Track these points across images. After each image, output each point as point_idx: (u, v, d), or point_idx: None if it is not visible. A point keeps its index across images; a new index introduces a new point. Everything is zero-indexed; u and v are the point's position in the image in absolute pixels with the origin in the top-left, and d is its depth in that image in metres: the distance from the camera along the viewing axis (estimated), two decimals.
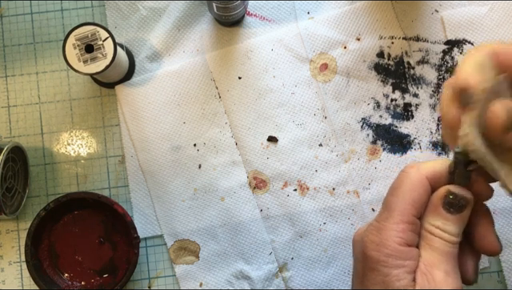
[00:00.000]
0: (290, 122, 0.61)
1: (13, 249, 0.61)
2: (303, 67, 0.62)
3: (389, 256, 0.40)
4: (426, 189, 0.42)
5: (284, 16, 0.63)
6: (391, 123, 0.62)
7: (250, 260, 0.60)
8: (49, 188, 0.62)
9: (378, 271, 0.40)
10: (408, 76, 0.62)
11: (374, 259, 0.41)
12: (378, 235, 0.41)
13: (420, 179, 0.42)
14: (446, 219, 0.41)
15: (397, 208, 0.41)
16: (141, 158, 0.61)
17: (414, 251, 0.41)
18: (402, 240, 0.41)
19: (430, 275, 0.40)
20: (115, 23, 0.63)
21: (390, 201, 0.42)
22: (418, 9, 0.62)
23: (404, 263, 0.40)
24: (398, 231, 0.41)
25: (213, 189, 0.61)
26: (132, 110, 0.62)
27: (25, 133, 0.62)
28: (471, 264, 0.43)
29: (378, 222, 0.42)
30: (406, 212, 0.41)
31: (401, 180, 0.42)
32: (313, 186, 0.61)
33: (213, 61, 0.62)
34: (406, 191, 0.41)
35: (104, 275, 0.60)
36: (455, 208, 0.41)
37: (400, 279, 0.40)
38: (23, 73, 0.63)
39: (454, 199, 0.41)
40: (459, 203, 0.41)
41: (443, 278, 0.40)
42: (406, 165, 0.44)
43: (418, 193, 0.41)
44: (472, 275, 0.43)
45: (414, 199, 0.41)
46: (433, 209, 0.42)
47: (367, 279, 0.41)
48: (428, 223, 0.42)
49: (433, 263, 0.40)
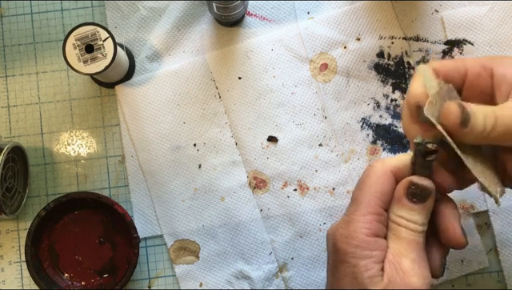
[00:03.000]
0: (289, 122, 0.61)
1: (13, 249, 0.61)
2: (303, 67, 0.62)
3: (357, 247, 0.41)
4: (391, 181, 0.43)
5: (284, 16, 0.63)
6: (391, 123, 0.62)
7: (250, 260, 0.60)
8: (49, 188, 0.62)
9: (347, 262, 0.42)
10: (408, 76, 0.62)
11: (342, 251, 0.42)
12: (346, 227, 0.43)
13: (384, 172, 0.43)
14: (411, 209, 0.42)
15: (363, 201, 0.43)
16: (141, 158, 0.61)
17: (381, 242, 0.42)
18: (369, 231, 0.42)
19: (398, 264, 0.41)
20: (115, 23, 0.63)
21: (357, 194, 0.44)
22: (417, 9, 0.62)
23: (371, 253, 0.41)
24: (365, 223, 0.42)
25: (213, 189, 0.61)
26: (132, 110, 0.62)
27: (25, 133, 0.62)
28: (438, 258, 0.45)
29: (346, 215, 0.44)
30: (372, 204, 0.43)
31: (367, 174, 0.44)
32: (313, 186, 0.61)
33: (213, 61, 0.62)
34: (372, 184, 0.43)
35: (104, 275, 0.60)
36: (418, 198, 0.42)
37: (368, 269, 0.41)
38: (23, 73, 0.63)
39: (416, 188, 0.42)
40: (421, 193, 0.42)
41: (410, 266, 0.41)
42: (373, 160, 0.45)
43: (382, 185, 0.43)
44: (439, 269, 0.44)
45: (379, 191, 0.43)
46: (397, 200, 0.43)
47: (338, 272, 0.42)
48: (394, 213, 0.43)
49: (400, 252, 0.42)
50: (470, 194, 0.60)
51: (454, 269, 0.60)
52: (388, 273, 0.41)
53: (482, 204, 0.60)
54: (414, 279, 0.40)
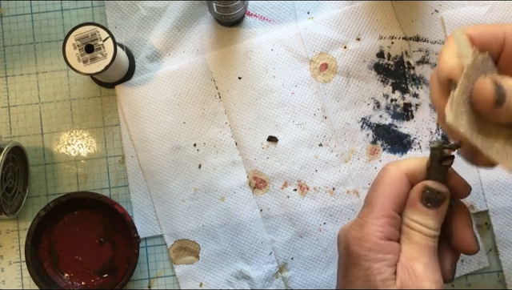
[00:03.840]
0: (289, 122, 0.61)
1: (13, 249, 0.61)
2: (303, 67, 0.62)
3: (370, 250, 0.41)
4: (405, 185, 0.43)
5: (284, 16, 0.63)
6: (391, 123, 0.62)
7: (250, 260, 0.60)
8: (49, 188, 0.62)
9: (359, 265, 0.41)
10: (408, 76, 0.62)
11: (355, 254, 0.42)
12: (359, 230, 0.42)
13: (399, 175, 0.43)
14: (425, 214, 0.42)
15: (377, 203, 0.42)
16: (141, 158, 0.61)
17: (394, 245, 0.42)
18: (382, 234, 0.42)
19: (410, 268, 0.41)
20: (115, 23, 0.63)
21: (371, 197, 0.43)
22: (417, 9, 0.62)
23: (385, 256, 0.41)
24: (379, 226, 0.42)
25: (213, 189, 0.61)
26: (132, 110, 0.62)
27: (25, 133, 0.62)
28: (449, 263, 0.44)
29: (360, 218, 0.43)
30: (386, 207, 0.42)
31: (381, 177, 0.44)
32: (313, 186, 0.61)
33: (213, 61, 0.62)
34: (386, 187, 0.43)
35: (104, 275, 0.60)
36: (432, 203, 0.42)
37: (381, 273, 0.41)
38: (23, 73, 0.63)
39: (431, 193, 0.42)
40: (436, 198, 0.42)
41: (423, 270, 0.41)
42: (387, 163, 0.45)
43: (396, 188, 0.43)
44: (449, 273, 0.44)
45: (393, 195, 0.43)
46: (411, 204, 0.43)
47: (350, 274, 0.42)
48: (407, 217, 0.43)
49: (413, 256, 0.41)
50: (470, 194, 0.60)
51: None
52: (401, 277, 0.40)
53: (482, 204, 0.60)
54: (426, 283, 0.40)
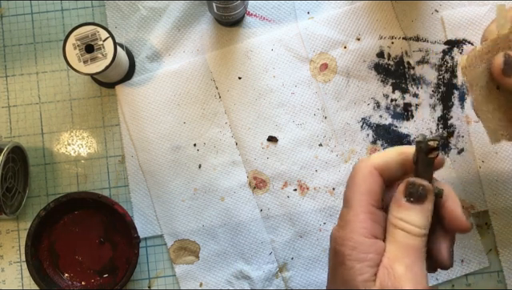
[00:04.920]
0: (290, 122, 0.61)
1: (13, 249, 0.61)
2: (303, 67, 0.62)
3: (353, 249, 0.41)
4: (376, 179, 0.43)
5: (284, 16, 0.63)
6: (391, 123, 0.62)
7: (250, 260, 0.60)
8: (49, 188, 0.62)
9: (344, 265, 0.41)
10: (408, 76, 0.62)
11: (341, 253, 0.41)
12: (342, 230, 0.42)
13: (369, 170, 0.43)
14: (408, 210, 0.42)
15: (354, 201, 0.42)
16: (141, 158, 0.61)
17: (378, 244, 0.41)
18: (366, 231, 0.41)
19: (391, 269, 0.40)
20: (115, 23, 0.63)
21: (347, 195, 0.43)
22: (418, 9, 0.62)
23: (366, 256, 0.41)
24: (360, 222, 0.41)
25: (213, 189, 0.61)
26: (132, 110, 0.62)
27: (25, 133, 0.62)
28: (445, 248, 0.44)
29: (340, 218, 0.43)
30: (363, 203, 0.42)
31: (353, 174, 0.44)
32: (313, 186, 0.61)
33: (213, 61, 0.62)
34: (359, 183, 0.43)
35: (104, 275, 0.60)
36: (415, 196, 0.42)
37: (362, 273, 0.40)
38: (23, 73, 0.63)
39: (413, 187, 0.42)
40: (418, 191, 0.41)
41: (403, 272, 0.40)
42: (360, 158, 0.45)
43: (369, 183, 0.43)
44: (447, 259, 0.43)
45: (367, 190, 0.42)
46: (395, 202, 0.42)
47: (337, 274, 0.42)
48: (392, 215, 0.42)
49: (396, 256, 0.41)
50: (470, 194, 0.60)
51: (454, 269, 0.60)
52: (380, 277, 0.40)
53: (482, 204, 0.60)
54: (406, 284, 0.39)
